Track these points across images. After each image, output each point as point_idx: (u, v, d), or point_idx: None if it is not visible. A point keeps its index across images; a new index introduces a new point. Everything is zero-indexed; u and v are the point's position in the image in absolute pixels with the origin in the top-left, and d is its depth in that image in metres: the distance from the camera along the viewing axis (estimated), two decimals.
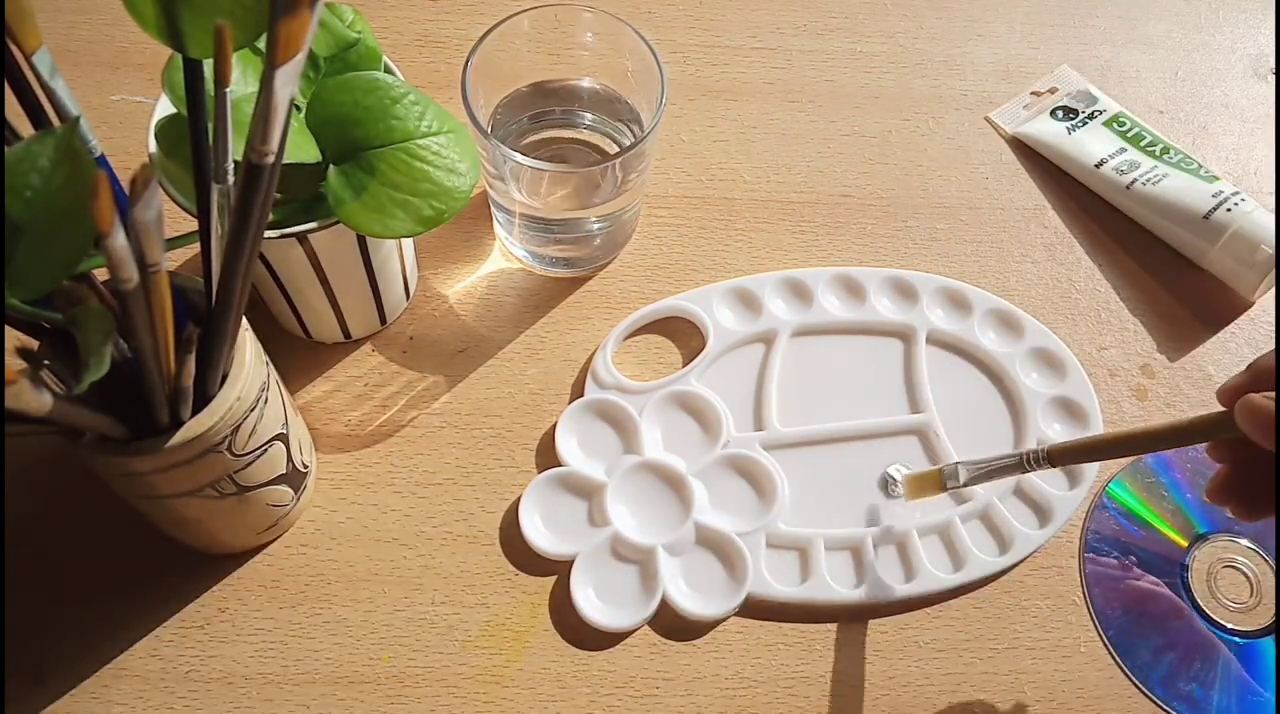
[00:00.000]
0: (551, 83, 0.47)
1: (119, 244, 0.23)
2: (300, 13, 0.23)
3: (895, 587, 0.42)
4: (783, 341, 0.47)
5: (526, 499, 0.42)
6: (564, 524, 0.42)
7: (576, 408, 0.44)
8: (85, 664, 0.38)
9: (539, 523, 0.42)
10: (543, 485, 0.42)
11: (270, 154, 0.26)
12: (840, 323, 0.47)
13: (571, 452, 0.43)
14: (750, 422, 0.45)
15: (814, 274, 0.48)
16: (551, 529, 0.42)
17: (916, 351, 0.47)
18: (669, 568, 0.41)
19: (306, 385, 0.44)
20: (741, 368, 0.46)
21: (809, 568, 0.42)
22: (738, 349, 0.47)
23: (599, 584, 0.41)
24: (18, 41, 0.26)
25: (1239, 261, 0.48)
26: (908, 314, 0.48)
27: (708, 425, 0.44)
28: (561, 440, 0.43)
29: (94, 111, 0.49)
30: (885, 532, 0.43)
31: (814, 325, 0.47)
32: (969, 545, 0.43)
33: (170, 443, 0.31)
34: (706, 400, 0.45)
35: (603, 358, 0.45)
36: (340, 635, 0.40)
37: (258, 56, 0.36)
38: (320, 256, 0.38)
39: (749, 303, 0.48)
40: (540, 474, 0.43)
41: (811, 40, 0.56)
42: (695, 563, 0.42)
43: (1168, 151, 0.52)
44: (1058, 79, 0.56)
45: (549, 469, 0.43)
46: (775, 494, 0.43)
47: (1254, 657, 0.42)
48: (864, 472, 0.45)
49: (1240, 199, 0.49)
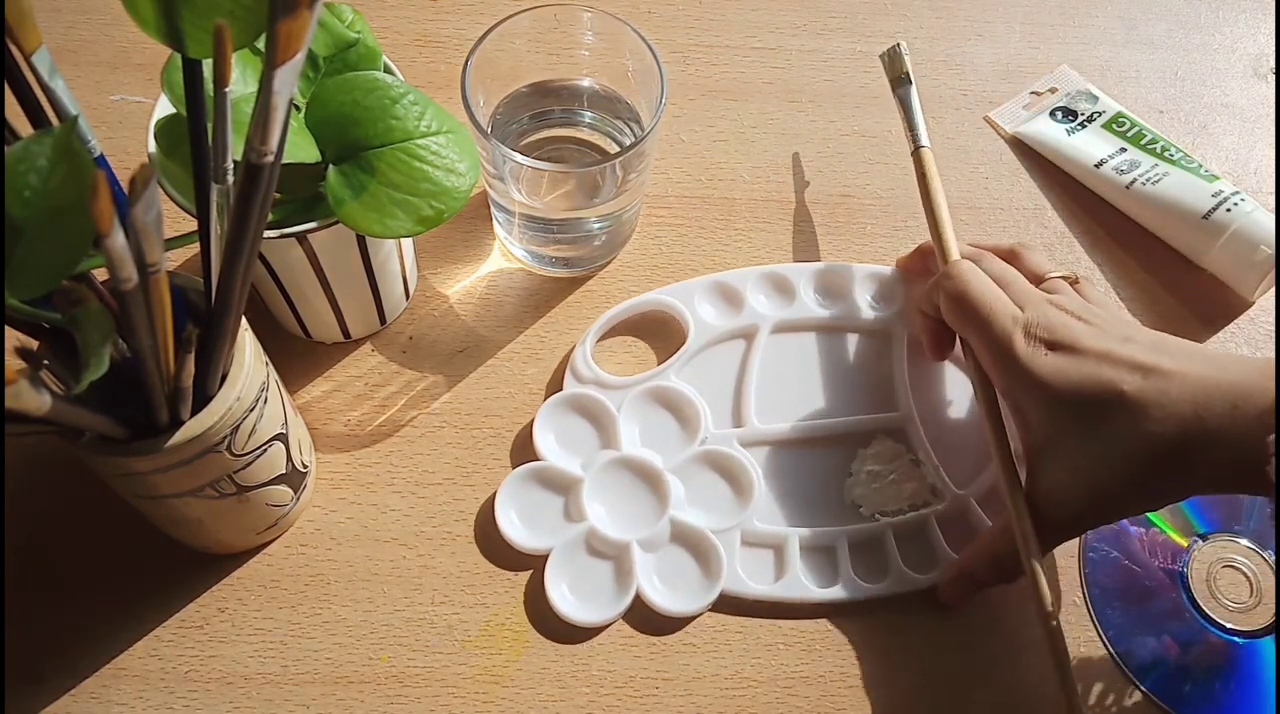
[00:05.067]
0: (551, 83, 0.47)
1: (118, 244, 0.23)
2: (300, 13, 0.23)
3: (868, 585, 0.42)
4: (763, 337, 0.46)
5: (503, 493, 0.42)
6: (540, 519, 0.42)
7: (554, 402, 0.44)
8: (85, 664, 0.38)
9: (514, 518, 0.42)
10: (519, 480, 0.42)
11: (270, 154, 0.26)
12: (822, 320, 0.47)
13: (549, 446, 0.43)
14: (729, 418, 0.45)
15: (797, 269, 0.48)
16: (527, 524, 0.42)
17: (897, 350, 0.47)
18: (644, 564, 0.41)
19: (306, 385, 0.44)
20: (721, 363, 0.46)
21: (783, 566, 0.42)
22: (718, 344, 0.46)
23: (573, 579, 0.41)
24: (17, 41, 0.26)
25: (1239, 261, 0.48)
26: (889, 311, 0.47)
27: (686, 421, 0.44)
28: (539, 435, 0.43)
29: (93, 111, 0.49)
30: (859, 531, 0.43)
31: (795, 321, 0.47)
32: (945, 548, 0.43)
33: (170, 443, 0.31)
34: (685, 396, 0.44)
35: (582, 352, 0.45)
36: (340, 635, 0.40)
37: (257, 56, 0.36)
38: (320, 256, 0.38)
39: (730, 298, 0.47)
40: (516, 469, 0.43)
41: (811, 40, 0.56)
42: (670, 559, 0.42)
43: (1168, 149, 0.52)
44: (1058, 79, 0.56)
45: (525, 464, 0.43)
46: (752, 491, 0.43)
47: (1254, 657, 0.42)
48: (841, 470, 0.44)
49: (1240, 199, 0.49)
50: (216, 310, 0.30)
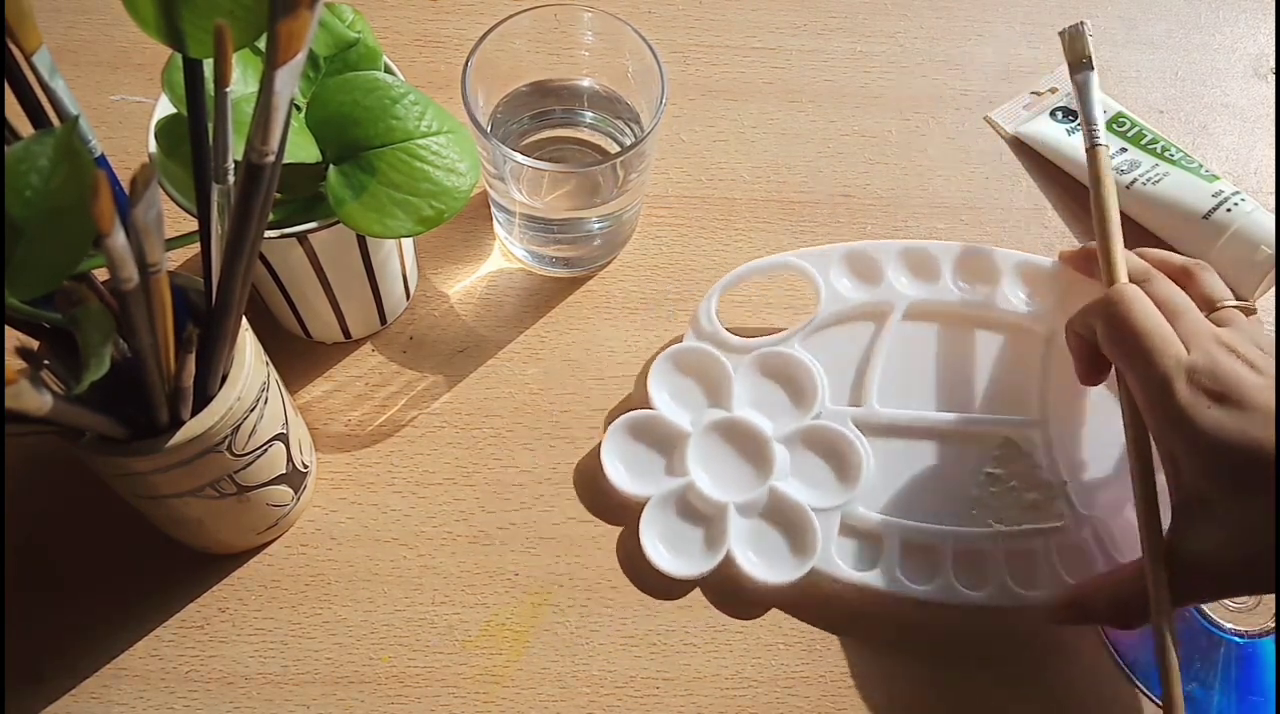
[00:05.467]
0: (551, 83, 0.47)
1: (119, 244, 0.23)
2: (300, 13, 0.23)
3: (967, 592, 0.40)
4: (896, 317, 0.44)
5: (610, 438, 0.42)
6: (642, 467, 0.42)
7: (670, 355, 0.44)
8: (85, 664, 0.38)
9: (618, 463, 0.42)
10: (626, 426, 0.43)
11: (270, 154, 0.26)
12: (962, 306, 0.44)
13: (660, 397, 0.43)
14: (847, 395, 0.43)
15: (943, 248, 0.45)
16: (630, 471, 0.42)
17: (1040, 351, 0.44)
18: (737, 528, 0.41)
19: (306, 385, 0.44)
20: (848, 338, 0.44)
21: (880, 555, 0.41)
22: (848, 321, 0.44)
23: (665, 532, 0.41)
24: (18, 41, 0.26)
25: (1239, 261, 0.48)
26: (1038, 308, 0.44)
27: (801, 392, 0.43)
28: (653, 385, 0.43)
29: (94, 111, 0.49)
30: (968, 534, 0.41)
31: (933, 304, 0.44)
32: (1059, 569, 0.41)
33: (170, 443, 0.31)
34: (805, 366, 0.43)
35: (706, 307, 0.44)
36: (340, 635, 0.40)
37: (258, 56, 0.36)
38: (320, 256, 0.38)
39: (867, 270, 0.45)
40: (624, 415, 0.43)
41: (811, 40, 0.56)
42: (764, 529, 0.41)
43: (1169, 149, 0.52)
44: (1058, 79, 0.56)
45: (633, 410, 0.43)
46: (859, 474, 0.42)
47: (1254, 657, 0.42)
48: (960, 468, 0.42)
49: (1240, 199, 0.49)
50: (217, 310, 0.30)
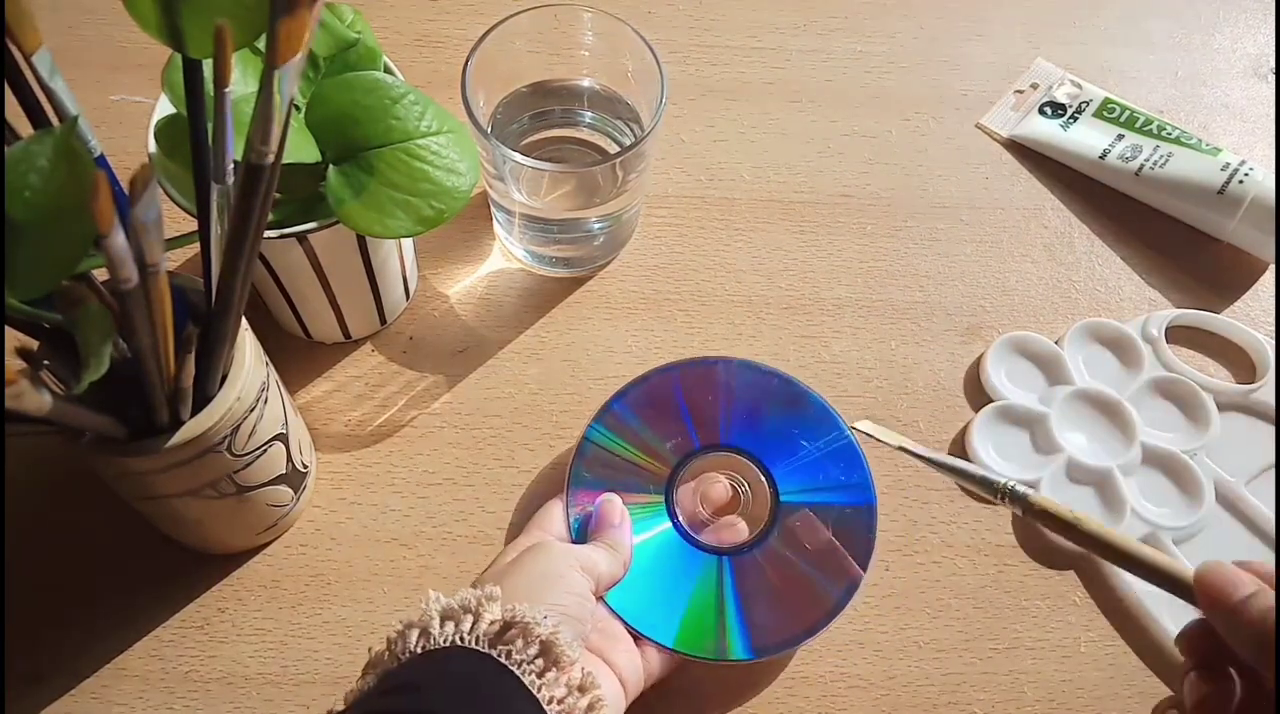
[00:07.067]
0: (551, 83, 0.47)
1: (119, 244, 0.23)
2: (300, 13, 0.23)
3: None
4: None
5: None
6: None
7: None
8: (85, 664, 0.38)
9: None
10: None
11: (270, 154, 0.26)
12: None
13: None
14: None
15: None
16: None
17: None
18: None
19: (306, 385, 0.44)
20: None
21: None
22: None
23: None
24: (18, 41, 0.26)
25: (1261, 230, 0.49)
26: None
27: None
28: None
29: (94, 111, 0.49)
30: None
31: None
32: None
33: (170, 443, 0.31)
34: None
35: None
36: (340, 635, 0.40)
37: (258, 56, 0.36)
38: (320, 256, 0.38)
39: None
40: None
41: (811, 40, 0.56)
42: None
43: (1164, 128, 0.52)
44: (1035, 74, 0.56)
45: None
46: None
47: None
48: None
49: (1249, 169, 0.50)
50: (216, 310, 0.30)
